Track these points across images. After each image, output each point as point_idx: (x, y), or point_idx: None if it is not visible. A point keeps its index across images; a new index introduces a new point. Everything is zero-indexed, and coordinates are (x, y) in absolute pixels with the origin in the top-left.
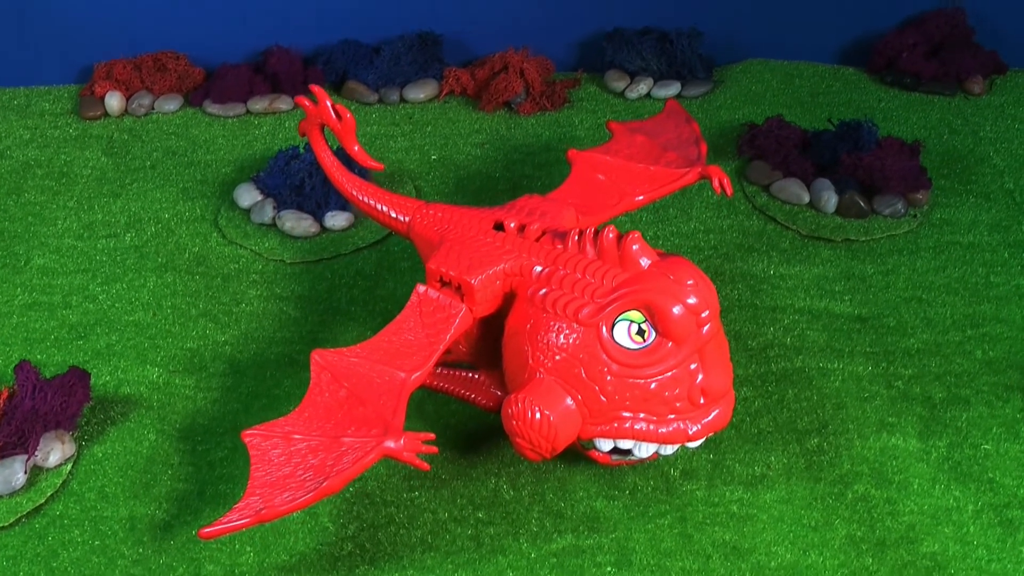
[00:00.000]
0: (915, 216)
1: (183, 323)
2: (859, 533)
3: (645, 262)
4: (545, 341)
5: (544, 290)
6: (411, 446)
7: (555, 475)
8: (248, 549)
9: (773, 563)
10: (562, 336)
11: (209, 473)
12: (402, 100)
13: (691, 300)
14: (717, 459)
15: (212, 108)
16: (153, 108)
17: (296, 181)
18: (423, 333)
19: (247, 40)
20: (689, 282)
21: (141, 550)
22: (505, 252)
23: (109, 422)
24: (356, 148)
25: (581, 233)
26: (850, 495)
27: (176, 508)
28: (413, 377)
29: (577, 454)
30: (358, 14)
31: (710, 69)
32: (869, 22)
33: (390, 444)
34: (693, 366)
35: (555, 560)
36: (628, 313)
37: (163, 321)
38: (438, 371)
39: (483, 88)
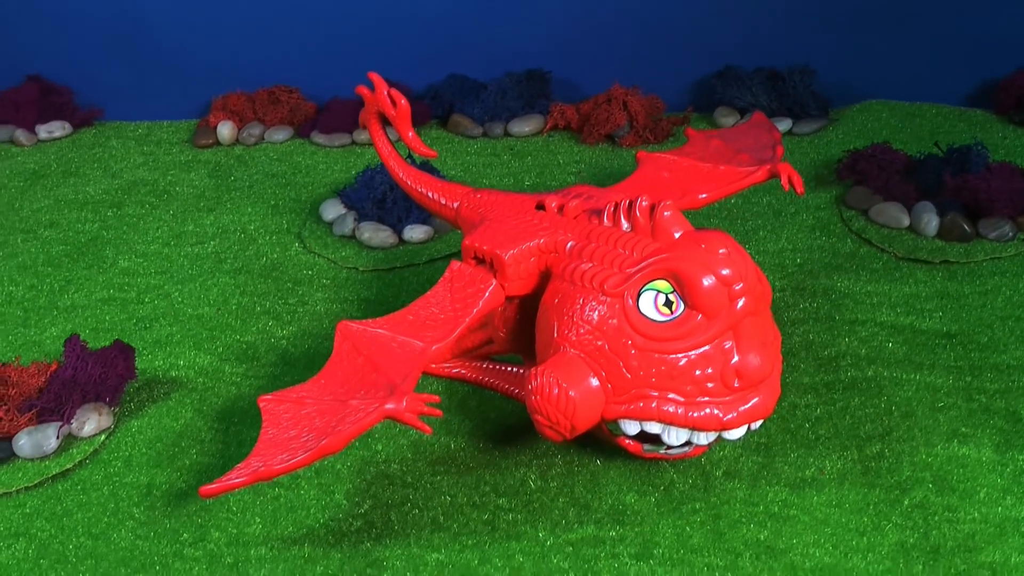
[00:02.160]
0: (1023, 240)
1: (245, 319)
2: (911, 540)
3: (678, 232)
4: (570, 314)
5: (574, 264)
6: (413, 407)
7: (588, 468)
8: (257, 520)
9: (808, 564)
10: (587, 308)
11: (237, 451)
12: (506, 134)
13: (724, 271)
14: (766, 461)
15: (319, 138)
16: (263, 138)
17: (378, 195)
18: (451, 307)
19: (360, 76)
20: (722, 251)
21: (152, 514)
22: (542, 229)
23: (151, 400)
24: (411, 134)
25: (616, 206)
26: (907, 501)
27: (196, 479)
28: (434, 348)
29: (612, 449)
30: (471, 52)
31: (825, 108)
32: (998, 64)
33: (390, 406)
34: (727, 345)
35: (571, 549)
36: (655, 283)
37: (226, 316)
38: (483, 366)
39: (586, 121)
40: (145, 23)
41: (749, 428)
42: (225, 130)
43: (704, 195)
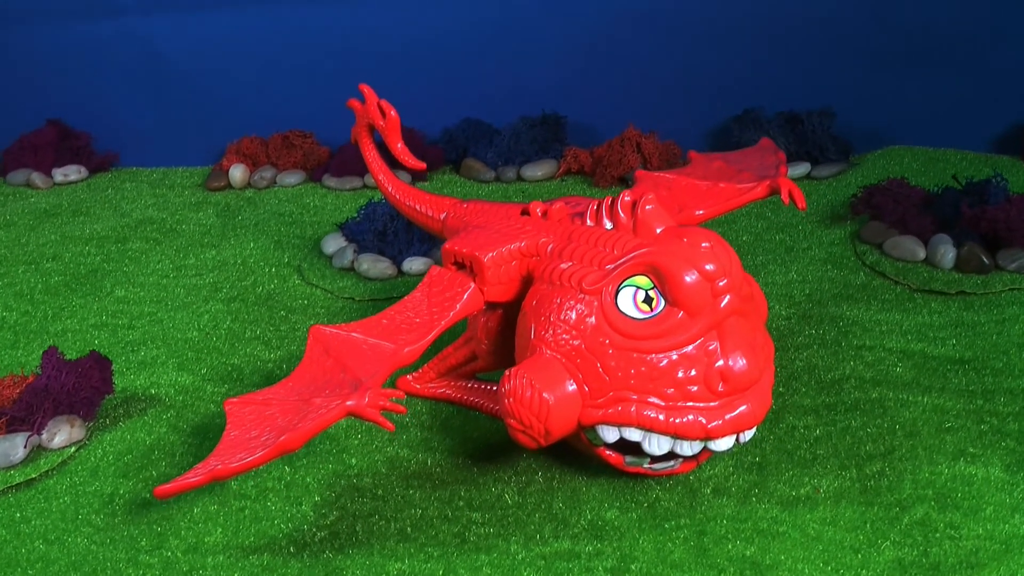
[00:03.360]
0: None
1: (233, 343)
2: (910, 557)
3: (660, 228)
4: (547, 314)
5: (553, 265)
6: (375, 403)
7: (568, 485)
8: (218, 530)
9: None
10: (564, 308)
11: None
12: (519, 178)
13: (707, 266)
14: (758, 480)
15: (330, 181)
16: (275, 181)
17: (379, 227)
18: (428, 311)
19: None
20: (705, 244)
21: (112, 521)
22: (524, 233)
23: (127, 416)
24: (399, 145)
25: (599, 205)
26: (907, 519)
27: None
28: (406, 350)
29: (595, 466)
30: (487, 97)
31: (846, 152)
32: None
33: (351, 403)
34: (712, 346)
35: (543, 563)
36: (634, 279)
37: (214, 340)
38: (468, 385)
39: (599, 164)
40: (165, 70)
41: (738, 440)
42: (237, 173)
43: (701, 211)
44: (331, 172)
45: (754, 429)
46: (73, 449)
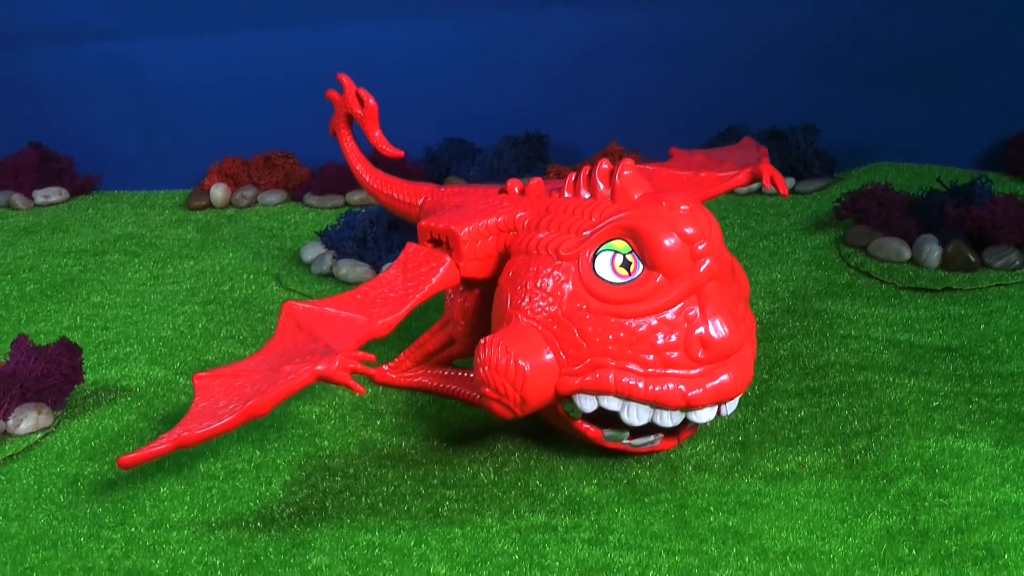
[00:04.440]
0: None
1: (207, 341)
2: (898, 525)
3: (638, 193)
4: (523, 283)
5: (529, 236)
6: (345, 366)
7: (546, 464)
8: (184, 508)
9: (780, 547)
10: (541, 275)
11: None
12: None
13: (686, 229)
14: (741, 458)
15: (311, 200)
16: (256, 201)
17: (359, 234)
18: (403, 286)
19: (359, 139)
20: (683, 208)
21: (75, 499)
22: (501, 209)
23: (96, 404)
24: (377, 134)
25: (576, 176)
26: (894, 490)
27: (128, 472)
28: (380, 322)
29: (573, 445)
30: (470, 117)
31: (830, 168)
32: (1008, 125)
33: (321, 367)
34: (692, 312)
35: (518, 535)
36: (612, 243)
37: (189, 338)
38: (445, 373)
39: None
40: (147, 94)
41: (719, 413)
42: (218, 192)
43: None
44: (312, 191)
45: (736, 401)
46: (39, 435)
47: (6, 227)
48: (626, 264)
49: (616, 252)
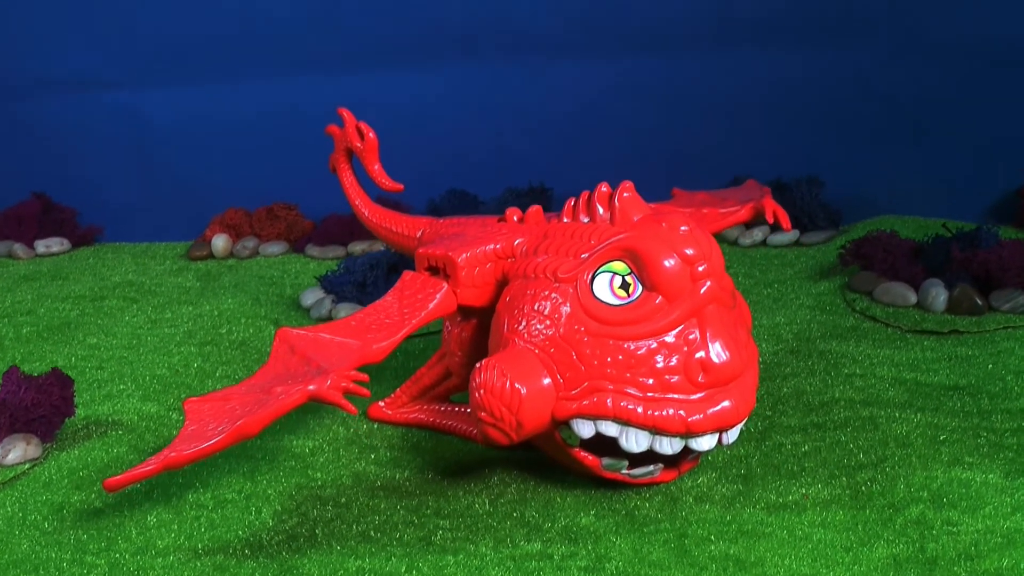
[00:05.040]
0: None
1: (202, 380)
2: (905, 553)
3: (638, 216)
4: (520, 307)
5: (527, 261)
6: (337, 385)
7: (542, 495)
8: (170, 535)
9: (783, 575)
10: (539, 298)
11: (166, 478)
12: None
13: (686, 250)
14: (743, 489)
15: (312, 250)
16: (258, 252)
17: (358, 278)
18: (399, 312)
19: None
20: (683, 229)
21: (60, 526)
22: (499, 236)
23: (87, 437)
24: (376, 167)
25: (575, 201)
26: (900, 520)
27: (115, 499)
28: (375, 347)
29: (571, 476)
30: (474, 168)
31: (835, 221)
32: (1015, 177)
33: (312, 387)
34: (692, 335)
35: (512, 564)
36: (611, 264)
37: (184, 377)
38: (441, 408)
39: None
40: (151, 145)
41: (720, 442)
42: (220, 242)
43: None
44: (314, 242)
45: (738, 430)
46: (27, 466)
47: (6, 275)
48: (625, 285)
49: (615, 273)
